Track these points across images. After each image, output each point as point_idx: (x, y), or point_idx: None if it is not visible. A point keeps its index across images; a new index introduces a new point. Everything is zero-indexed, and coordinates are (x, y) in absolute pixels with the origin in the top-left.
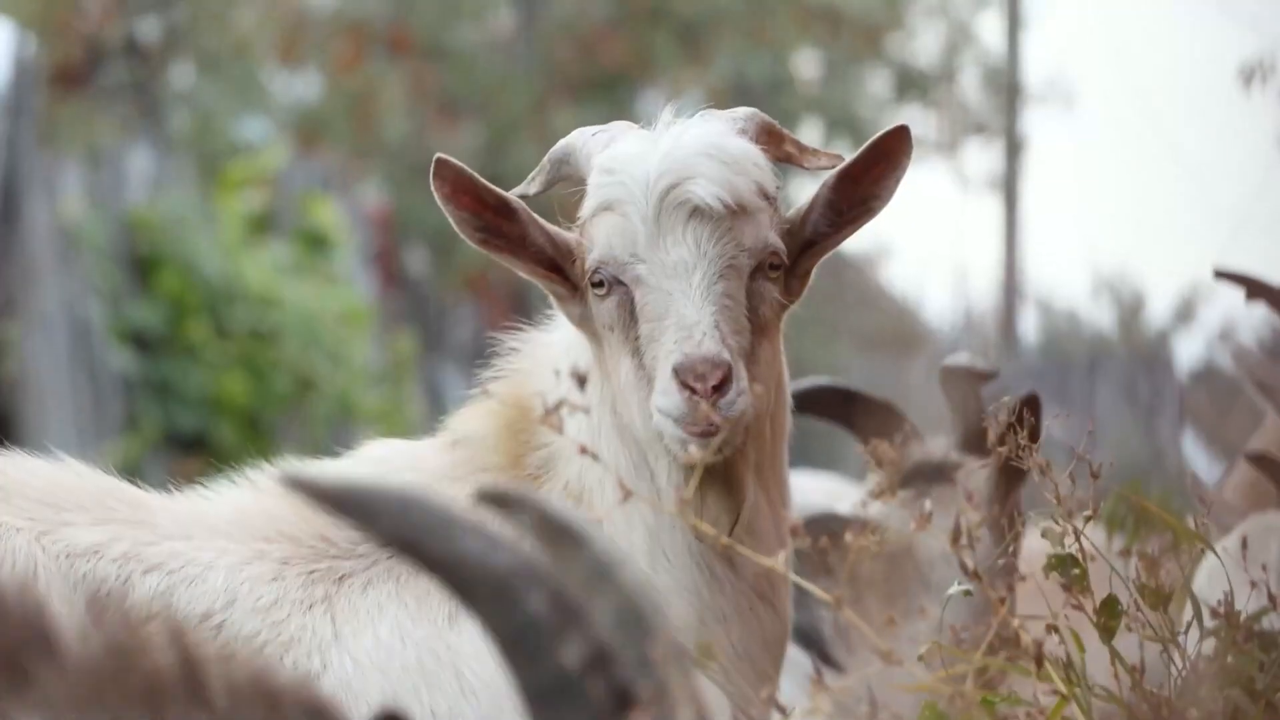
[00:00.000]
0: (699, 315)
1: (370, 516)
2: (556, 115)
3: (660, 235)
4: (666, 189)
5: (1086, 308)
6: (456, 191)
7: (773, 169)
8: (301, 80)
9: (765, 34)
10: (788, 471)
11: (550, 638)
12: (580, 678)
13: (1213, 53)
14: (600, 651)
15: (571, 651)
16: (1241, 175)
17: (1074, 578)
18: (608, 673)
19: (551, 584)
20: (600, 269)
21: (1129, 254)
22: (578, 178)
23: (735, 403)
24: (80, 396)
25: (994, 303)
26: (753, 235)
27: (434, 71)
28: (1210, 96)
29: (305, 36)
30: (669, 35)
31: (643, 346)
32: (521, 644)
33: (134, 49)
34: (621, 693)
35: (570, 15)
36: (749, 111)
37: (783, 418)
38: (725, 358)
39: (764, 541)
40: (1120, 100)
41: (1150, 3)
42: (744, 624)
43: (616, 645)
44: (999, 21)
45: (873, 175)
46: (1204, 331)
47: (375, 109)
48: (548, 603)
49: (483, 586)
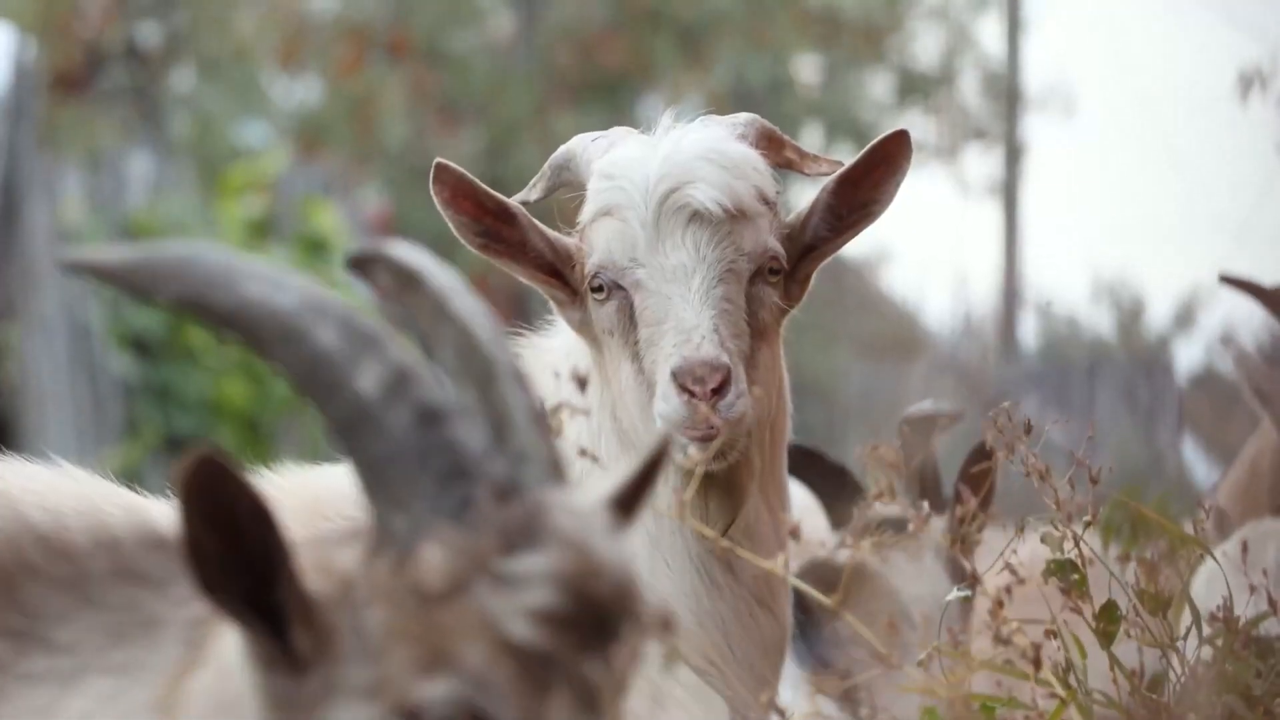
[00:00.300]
0: (698, 319)
1: (154, 283)
2: (557, 119)
3: (660, 240)
4: (666, 193)
5: (1086, 312)
6: (456, 196)
7: (773, 174)
8: (302, 85)
9: (765, 38)
10: (786, 476)
11: (344, 368)
12: (380, 403)
13: (1213, 59)
14: (400, 374)
15: (368, 378)
16: (1241, 181)
17: (1073, 583)
18: (410, 395)
19: (340, 315)
20: (600, 273)
21: (1129, 259)
22: (578, 183)
23: (735, 405)
24: (80, 400)
25: (993, 307)
26: (752, 240)
27: (434, 76)
28: (1210, 102)
29: (305, 41)
30: (669, 39)
31: (642, 351)
32: (316, 378)
33: (134, 53)
34: (427, 411)
35: (570, 19)
36: (749, 117)
37: (782, 423)
38: (724, 360)
39: (763, 546)
40: (1120, 106)
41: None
42: (743, 629)
43: (420, 369)
44: (999, 26)
45: (872, 179)
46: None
47: (375, 113)
48: (338, 334)
49: (269, 328)
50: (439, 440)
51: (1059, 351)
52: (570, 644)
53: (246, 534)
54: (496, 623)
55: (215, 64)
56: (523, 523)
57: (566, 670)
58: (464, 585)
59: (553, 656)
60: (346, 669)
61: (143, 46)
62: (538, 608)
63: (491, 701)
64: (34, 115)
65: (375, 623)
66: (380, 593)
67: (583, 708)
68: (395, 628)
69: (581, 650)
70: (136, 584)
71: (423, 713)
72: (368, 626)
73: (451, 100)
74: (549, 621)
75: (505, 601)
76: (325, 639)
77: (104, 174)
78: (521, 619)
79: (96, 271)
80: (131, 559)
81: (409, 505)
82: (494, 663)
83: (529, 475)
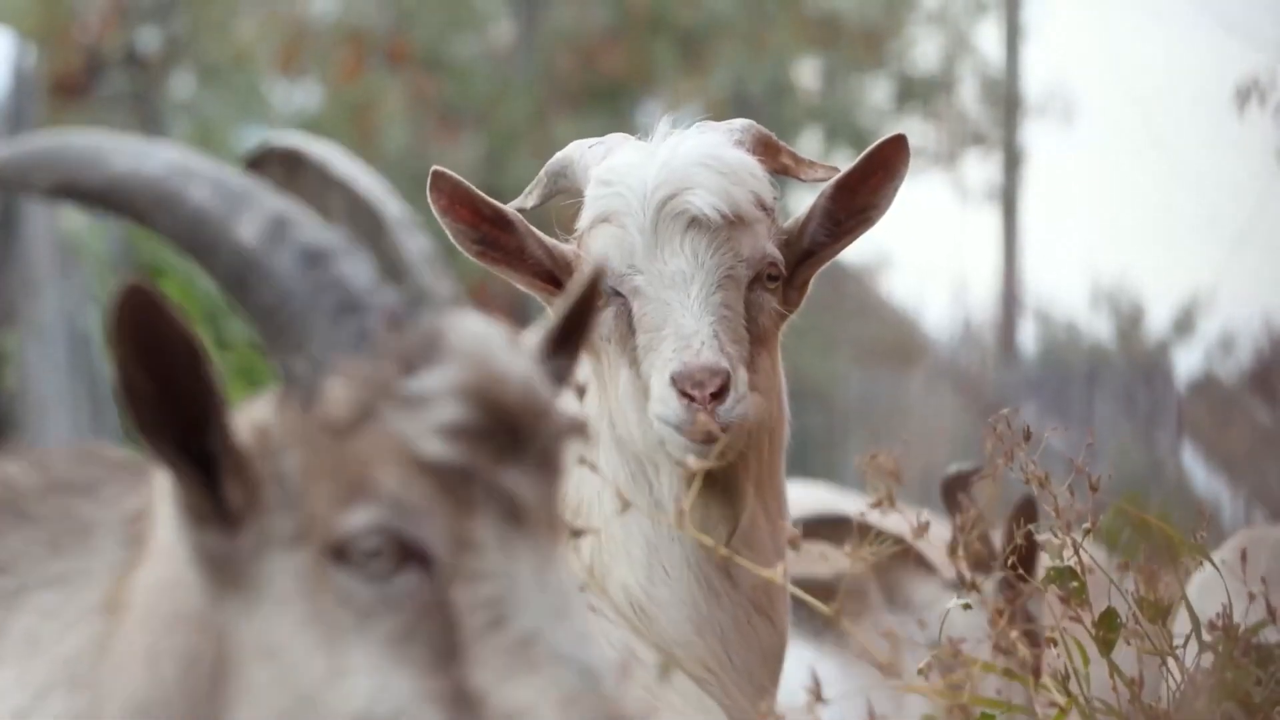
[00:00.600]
0: (698, 325)
1: (26, 175)
2: (557, 126)
3: (658, 246)
4: (664, 200)
5: (1085, 318)
6: (453, 204)
7: (770, 180)
8: (302, 90)
9: (765, 43)
10: (785, 484)
11: (222, 222)
12: (263, 250)
13: (1212, 66)
14: (278, 220)
15: (247, 228)
16: (1240, 187)
17: (1073, 590)
18: (291, 238)
19: (211, 174)
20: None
21: (1128, 265)
22: (575, 190)
23: (734, 409)
24: (79, 407)
25: (993, 313)
26: (750, 246)
27: (434, 82)
28: (1209, 109)
29: (305, 47)
30: (669, 45)
31: (640, 357)
32: (197, 238)
33: (134, 59)
34: (310, 251)
35: (570, 25)
36: (745, 123)
37: (780, 429)
38: (724, 366)
39: (761, 553)
40: (1119, 112)
41: (1150, 15)
42: (741, 637)
43: (299, 214)
44: (998, 32)
45: (870, 185)
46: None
47: (375, 119)
48: (211, 191)
49: (144, 197)
50: (326, 278)
51: (1058, 357)
52: (485, 457)
53: (180, 372)
54: (407, 444)
55: (215, 70)
56: (421, 345)
57: (486, 485)
58: (370, 412)
59: (469, 471)
60: (273, 518)
61: (143, 52)
62: (446, 423)
63: (414, 523)
64: (34, 121)
65: (292, 466)
66: (293, 436)
67: (509, 521)
68: (311, 467)
69: (498, 462)
70: (67, 493)
71: (349, 546)
72: (286, 472)
73: (451, 107)
74: (459, 436)
75: (413, 422)
76: (253, 491)
77: None
78: (432, 436)
79: None
80: (61, 471)
81: (306, 346)
82: (411, 484)
83: (428, 309)
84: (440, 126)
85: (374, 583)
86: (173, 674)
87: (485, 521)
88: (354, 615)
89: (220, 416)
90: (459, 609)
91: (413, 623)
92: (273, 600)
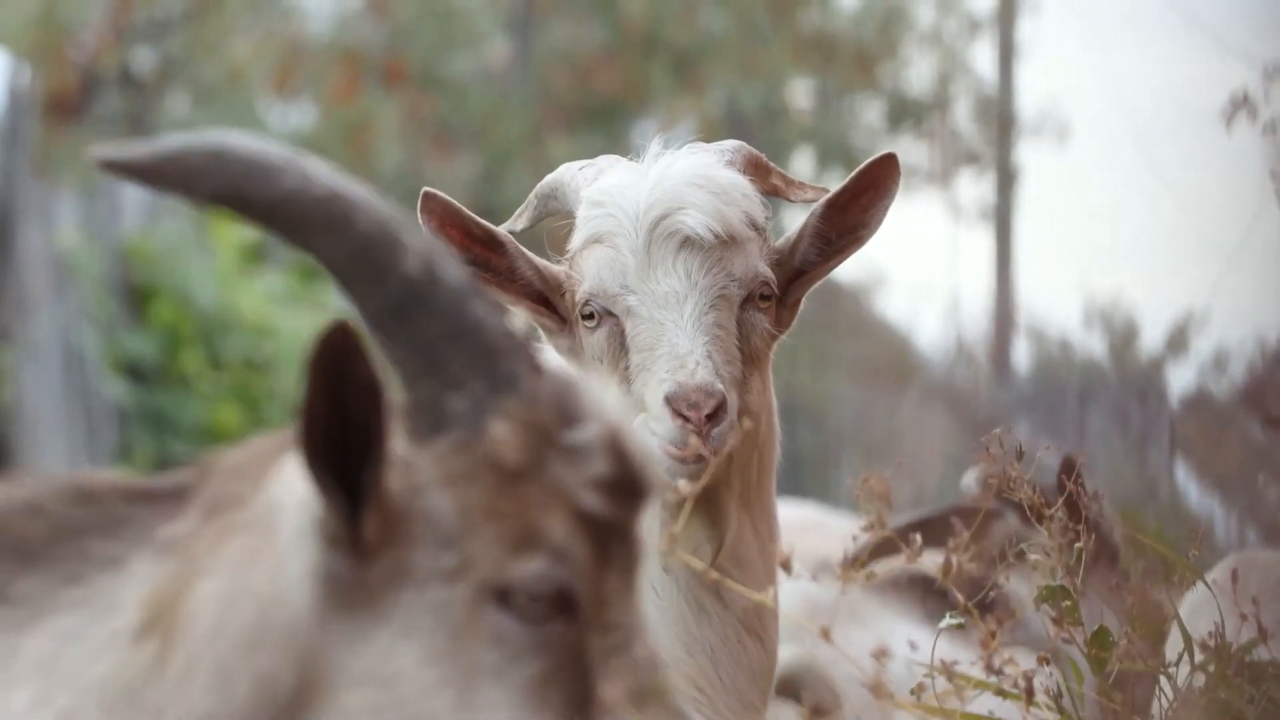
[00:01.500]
0: (692, 345)
1: (189, 177)
2: (552, 145)
3: (651, 266)
4: (656, 220)
5: (1079, 337)
6: (444, 225)
7: (761, 200)
8: (297, 110)
9: (759, 63)
10: (776, 504)
11: (389, 251)
12: (427, 283)
13: (1205, 84)
14: (434, 254)
15: (412, 260)
16: (1233, 205)
17: (1065, 610)
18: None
19: (369, 201)
20: (590, 301)
21: (1121, 283)
22: (565, 212)
23: (729, 433)
24: (74, 426)
25: (986, 332)
26: (743, 265)
27: (429, 101)
28: (1202, 127)
29: (300, 66)
30: (664, 65)
31: (633, 376)
32: (364, 263)
33: (129, 79)
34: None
35: (565, 44)
36: (735, 144)
37: (771, 449)
38: (719, 387)
39: (752, 573)
40: (1113, 131)
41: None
42: (731, 657)
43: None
44: (992, 52)
45: (861, 204)
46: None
47: (370, 139)
48: (374, 219)
49: (312, 217)
50: (478, 319)
51: (1051, 375)
52: (621, 510)
53: (356, 408)
54: (572, 495)
55: (210, 89)
56: (565, 395)
57: (622, 538)
58: (539, 460)
59: (611, 524)
60: (417, 553)
61: (138, 72)
62: (599, 476)
63: (574, 574)
64: (29, 141)
65: (449, 505)
66: (451, 475)
67: (630, 573)
68: (477, 508)
69: (629, 516)
70: (79, 536)
71: (516, 590)
72: (440, 509)
73: (446, 126)
74: (607, 489)
75: (574, 473)
76: (392, 525)
77: (99, 199)
78: (589, 489)
79: (129, 169)
80: (63, 518)
81: (466, 384)
82: (573, 535)
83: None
84: (435, 146)
85: (529, 626)
86: (246, 692)
87: (615, 574)
88: (501, 656)
89: (382, 455)
90: (591, 658)
91: (555, 669)
92: (398, 631)
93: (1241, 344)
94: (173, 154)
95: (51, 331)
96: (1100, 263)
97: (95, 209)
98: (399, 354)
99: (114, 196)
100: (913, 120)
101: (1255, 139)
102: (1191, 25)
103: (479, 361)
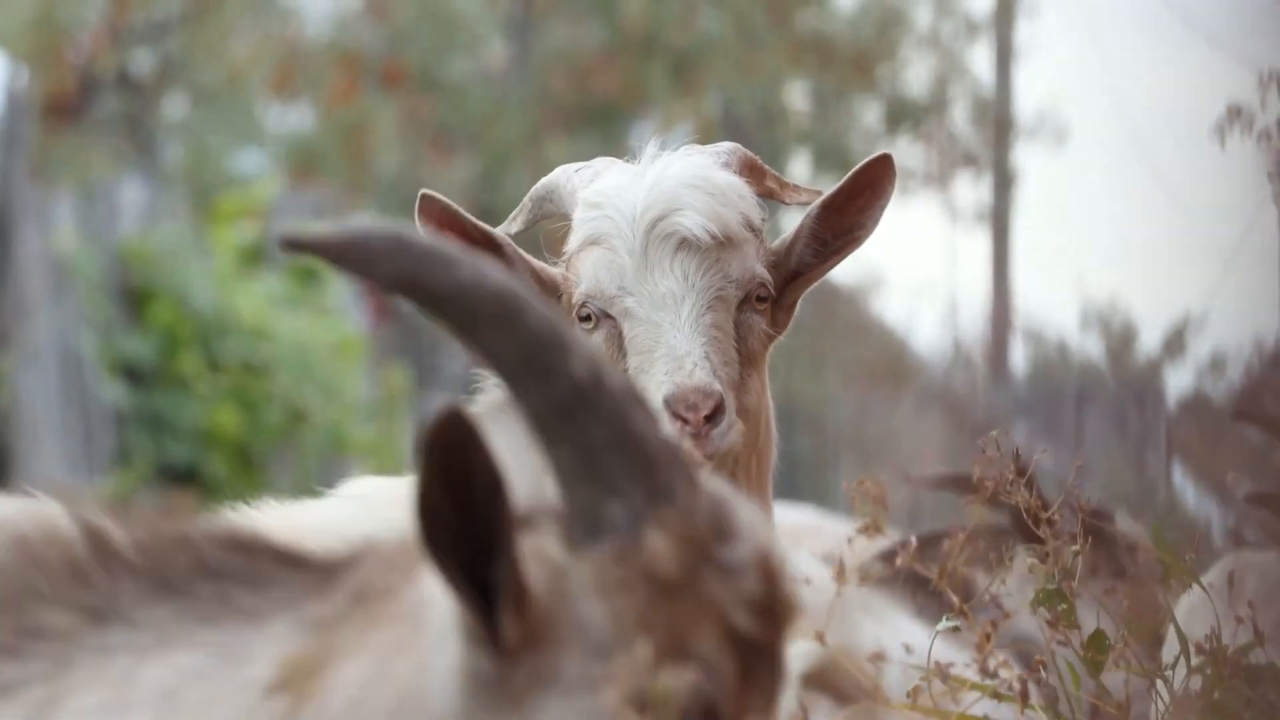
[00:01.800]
0: (689, 346)
1: (369, 261)
2: (550, 146)
3: (648, 268)
4: (654, 221)
5: (1076, 339)
6: (442, 227)
7: (758, 201)
8: (295, 112)
9: (757, 66)
10: (773, 507)
11: (558, 350)
12: (593, 387)
13: (1203, 87)
14: (599, 359)
15: (579, 362)
16: (1230, 208)
17: (1061, 613)
18: (611, 380)
19: (534, 299)
20: (588, 302)
21: (1119, 286)
22: (560, 214)
23: (726, 435)
24: (72, 429)
25: (983, 334)
26: (740, 267)
27: (428, 103)
28: (1200, 131)
29: (299, 69)
30: (662, 67)
31: (631, 378)
32: (533, 361)
33: (127, 81)
34: (627, 396)
35: (564, 47)
36: (730, 146)
37: (768, 452)
38: (717, 388)
39: None
40: (1111, 133)
41: (1141, 38)
42: None
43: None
44: (989, 54)
45: (857, 205)
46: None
47: (369, 141)
48: (544, 318)
49: (486, 310)
50: (638, 426)
51: (1049, 378)
52: (767, 630)
53: (479, 500)
54: (723, 611)
55: (209, 92)
56: (720, 511)
57: (768, 660)
58: (694, 574)
59: (758, 644)
60: (563, 660)
61: (136, 74)
62: (751, 596)
63: (721, 691)
64: (26, 143)
65: (603, 614)
66: (606, 583)
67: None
68: (631, 618)
69: (775, 637)
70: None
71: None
72: (593, 617)
73: (445, 127)
74: (758, 609)
75: (727, 590)
76: (537, 627)
77: (97, 202)
78: (742, 607)
79: (315, 250)
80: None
81: (626, 492)
82: (722, 652)
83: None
84: (434, 147)
85: None
86: None
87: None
88: None
89: (510, 550)
90: None
91: None
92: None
93: (1239, 347)
94: (357, 239)
95: (49, 334)
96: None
97: (93, 211)
98: (559, 456)
99: (112, 199)
100: (910, 123)
101: (1248, 143)
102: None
103: (639, 470)
